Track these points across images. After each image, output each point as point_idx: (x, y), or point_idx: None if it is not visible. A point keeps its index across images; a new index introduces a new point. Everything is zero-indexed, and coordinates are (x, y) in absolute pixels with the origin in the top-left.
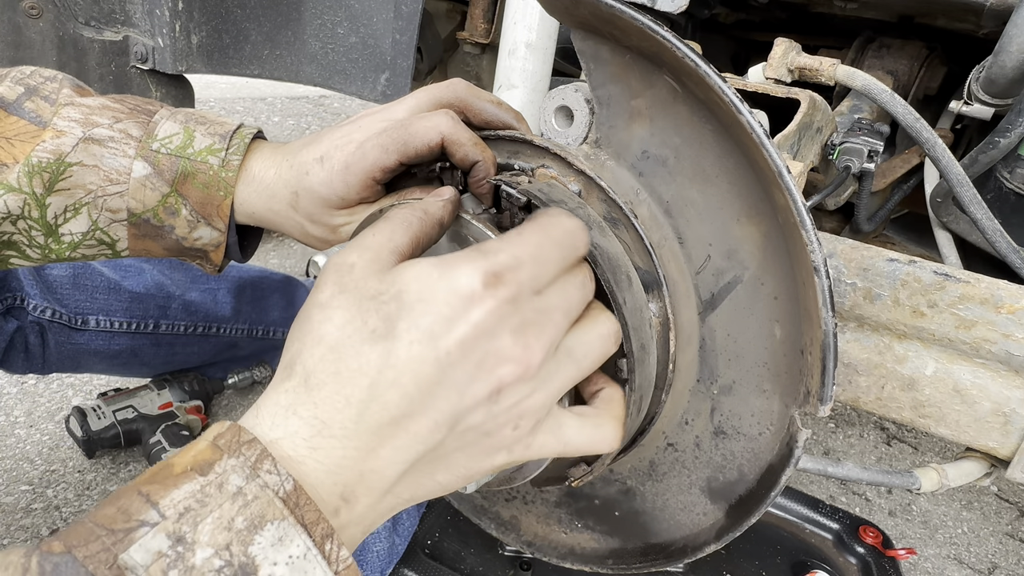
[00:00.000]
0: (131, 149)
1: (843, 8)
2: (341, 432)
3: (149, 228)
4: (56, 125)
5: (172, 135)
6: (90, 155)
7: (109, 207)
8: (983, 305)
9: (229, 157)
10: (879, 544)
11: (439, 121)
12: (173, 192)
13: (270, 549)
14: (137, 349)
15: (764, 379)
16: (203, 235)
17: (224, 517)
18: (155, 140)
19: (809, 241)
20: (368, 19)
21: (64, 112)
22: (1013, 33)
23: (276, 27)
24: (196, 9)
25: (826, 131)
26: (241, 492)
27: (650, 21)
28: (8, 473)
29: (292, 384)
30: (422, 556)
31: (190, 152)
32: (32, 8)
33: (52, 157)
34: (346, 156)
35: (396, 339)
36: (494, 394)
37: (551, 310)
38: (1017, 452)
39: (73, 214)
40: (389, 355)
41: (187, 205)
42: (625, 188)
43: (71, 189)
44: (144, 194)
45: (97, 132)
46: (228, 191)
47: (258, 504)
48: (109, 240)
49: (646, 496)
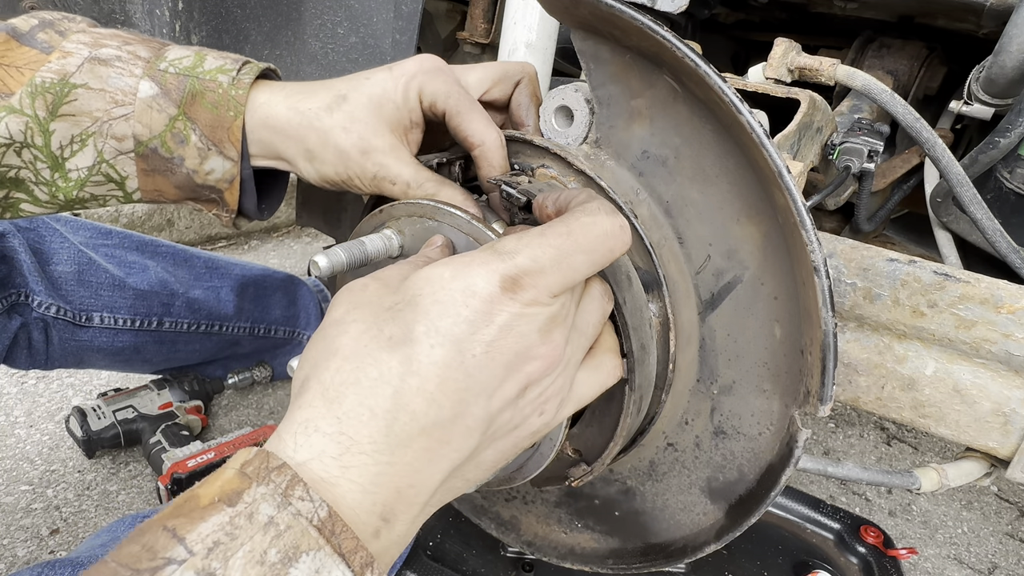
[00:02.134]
0: (138, 69)
1: (843, 8)
2: (371, 447)
3: (158, 160)
4: (63, 47)
5: (182, 56)
6: (96, 76)
7: (114, 133)
8: (983, 305)
9: (240, 76)
10: (880, 544)
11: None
12: (181, 115)
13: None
14: (140, 346)
15: (764, 379)
16: (215, 167)
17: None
18: (164, 60)
19: (809, 241)
20: (368, 19)
21: (74, 37)
22: (1013, 33)
23: (276, 27)
24: (196, 9)
25: (826, 131)
26: (273, 522)
27: (650, 21)
28: (8, 473)
29: (309, 398)
30: (424, 558)
31: (200, 71)
32: (32, 8)
33: (56, 77)
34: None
35: (416, 343)
36: (522, 391)
37: (570, 303)
38: (1017, 452)
39: (80, 146)
40: (411, 361)
41: (196, 130)
42: (625, 188)
43: (76, 115)
44: (151, 117)
45: (104, 52)
46: (238, 111)
47: (291, 534)
48: (118, 177)
49: (646, 496)
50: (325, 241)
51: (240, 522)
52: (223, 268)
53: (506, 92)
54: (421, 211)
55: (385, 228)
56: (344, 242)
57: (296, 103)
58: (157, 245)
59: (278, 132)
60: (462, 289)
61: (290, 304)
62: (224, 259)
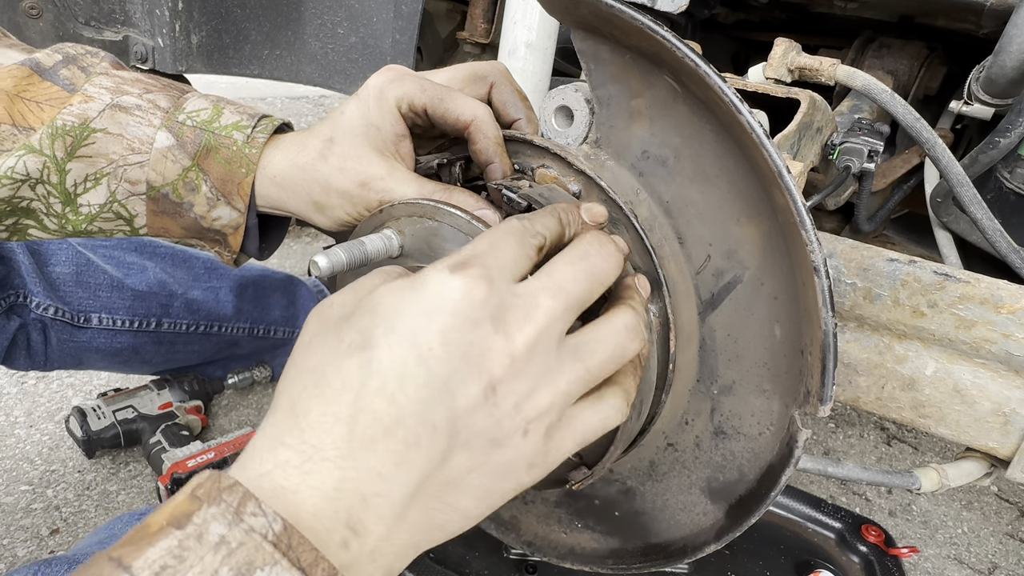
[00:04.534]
0: (156, 119)
1: (843, 8)
2: (334, 452)
3: (168, 204)
4: (86, 91)
5: (200, 109)
6: (115, 122)
7: (129, 178)
8: (983, 305)
9: (255, 135)
10: (881, 543)
11: (478, 108)
12: (194, 166)
13: None
14: (139, 347)
15: (764, 379)
16: (222, 215)
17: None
18: (182, 112)
19: (809, 241)
20: (368, 19)
21: (97, 80)
22: (1013, 33)
23: (276, 27)
24: (196, 9)
25: (826, 131)
26: (224, 540)
27: (650, 21)
28: (8, 473)
29: (278, 417)
30: (427, 560)
31: (216, 126)
32: (32, 8)
33: (77, 121)
34: (381, 82)
35: (375, 346)
36: (489, 392)
37: (534, 293)
38: (1017, 452)
39: (93, 184)
40: (370, 363)
41: (207, 181)
42: (625, 188)
43: (93, 157)
44: (165, 166)
45: (125, 100)
46: (250, 169)
47: (244, 551)
48: (127, 215)
49: (646, 496)
50: (325, 241)
51: (189, 544)
52: (222, 269)
53: (481, 92)
54: (421, 211)
55: (385, 228)
56: (344, 242)
57: (294, 158)
58: (156, 246)
59: (285, 189)
60: (416, 287)
61: (289, 304)
62: None
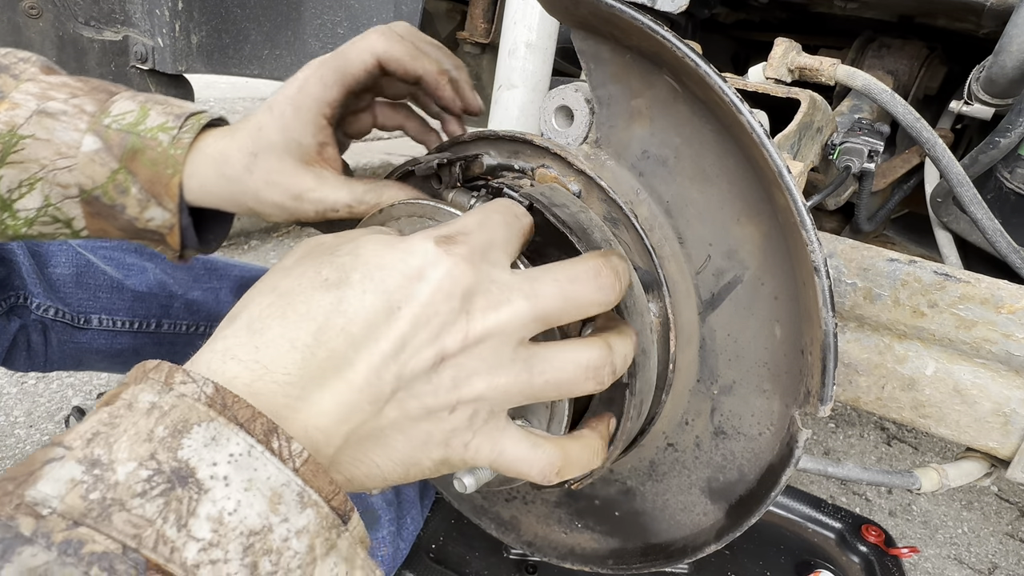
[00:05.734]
0: (83, 123)
1: (843, 8)
2: (284, 378)
3: (101, 207)
4: (12, 98)
5: (126, 112)
6: (43, 128)
7: (60, 182)
8: (983, 305)
9: (180, 135)
10: (881, 543)
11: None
12: (122, 168)
13: (203, 450)
14: (139, 348)
15: (764, 379)
16: (155, 216)
17: (141, 431)
18: (108, 116)
19: (809, 241)
20: (368, 19)
21: (23, 87)
22: (1013, 33)
23: (276, 27)
24: (196, 9)
25: (826, 131)
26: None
27: (650, 21)
28: None
29: (232, 330)
30: (427, 560)
31: (141, 129)
32: (32, 8)
33: (5, 128)
34: (291, 97)
35: (349, 287)
36: (437, 361)
37: (510, 288)
38: (1017, 452)
39: (28, 189)
40: (340, 302)
41: (136, 183)
42: (625, 188)
43: (24, 163)
44: (93, 169)
45: (51, 105)
46: (177, 169)
47: (177, 411)
48: (64, 218)
49: (646, 496)
50: None
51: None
52: (222, 269)
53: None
54: (421, 211)
55: (385, 228)
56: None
57: (220, 169)
58: None
59: (216, 196)
60: (403, 248)
61: None
62: (223, 260)
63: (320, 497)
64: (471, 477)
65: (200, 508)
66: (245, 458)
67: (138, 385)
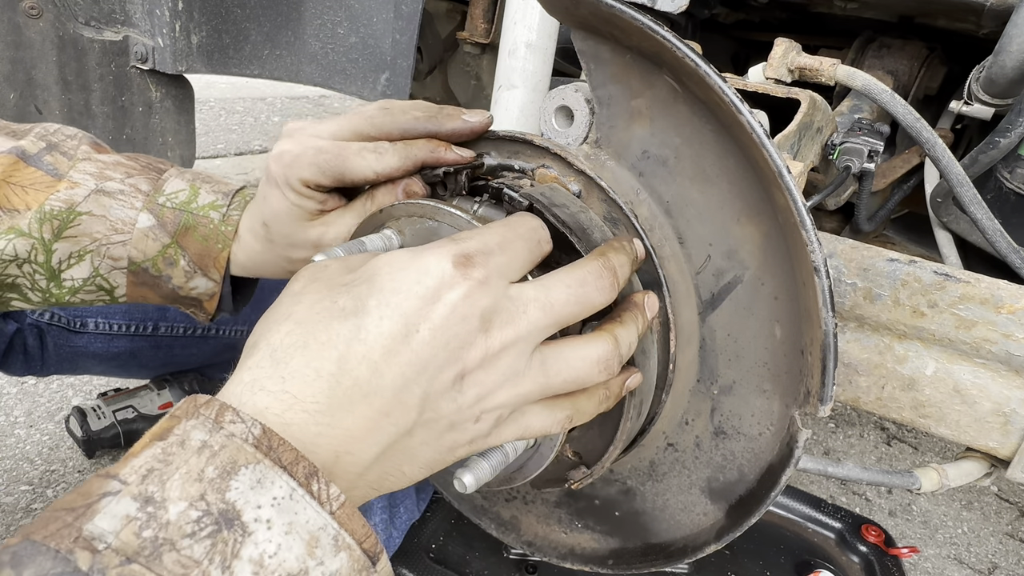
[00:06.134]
0: (138, 202)
1: (843, 8)
2: (314, 407)
3: (147, 277)
4: (72, 177)
5: (179, 191)
6: (100, 206)
7: (112, 255)
8: (983, 305)
9: (230, 212)
10: (881, 543)
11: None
12: (173, 243)
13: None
14: (136, 351)
15: (764, 379)
16: (199, 285)
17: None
18: (162, 195)
19: (809, 241)
20: (368, 19)
21: (80, 166)
22: (1013, 33)
23: (276, 27)
24: (196, 9)
25: (826, 131)
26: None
27: (650, 21)
28: (8, 473)
29: (255, 360)
30: (427, 560)
31: (194, 207)
32: (32, 8)
33: (64, 206)
34: (283, 169)
35: (366, 314)
36: (458, 380)
37: (525, 302)
38: (1017, 452)
39: (77, 260)
40: (359, 330)
41: (185, 256)
42: (625, 188)
43: (78, 236)
44: (146, 244)
45: (109, 185)
46: (226, 244)
47: (227, 452)
48: (108, 286)
49: (646, 496)
50: None
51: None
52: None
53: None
54: (421, 211)
55: (385, 228)
56: (344, 243)
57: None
58: None
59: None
60: (417, 268)
61: None
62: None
63: (353, 540)
64: (471, 477)
65: (243, 551)
66: (287, 501)
67: (189, 421)
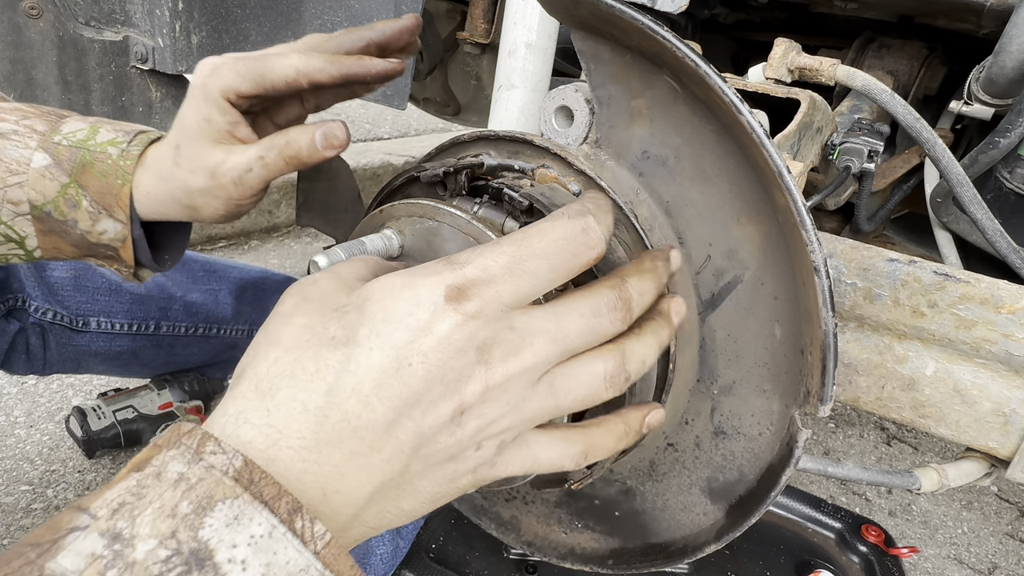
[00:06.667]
0: (33, 141)
1: (843, 8)
2: (299, 442)
3: (53, 223)
4: None
5: (76, 130)
6: None
7: (10, 199)
8: (983, 305)
9: (129, 148)
10: (881, 543)
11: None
12: (72, 182)
13: (224, 530)
14: (138, 350)
15: (764, 379)
16: (107, 228)
17: (167, 505)
18: (58, 134)
19: (809, 241)
20: (368, 19)
21: None
22: (1013, 33)
23: (276, 27)
24: (196, 9)
25: (826, 131)
26: (183, 477)
27: (650, 21)
28: (8, 473)
29: (242, 389)
30: (427, 560)
31: (91, 144)
32: (32, 8)
33: None
34: (202, 79)
35: (357, 345)
36: (457, 414)
37: (532, 333)
38: (1017, 452)
39: None
40: (349, 360)
41: (87, 196)
42: (625, 188)
43: None
44: (43, 184)
45: (2, 126)
46: (126, 180)
47: (204, 485)
48: (17, 236)
49: (646, 496)
50: (325, 241)
51: (148, 482)
52: (221, 271)
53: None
54: (422, 211)
55: (385, 228)
56: (344, 242)
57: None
58: None
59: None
60: (408, 298)
61: None
62: (222, 262)
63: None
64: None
65: None
66: (266, 540)
67: (169, 451)
